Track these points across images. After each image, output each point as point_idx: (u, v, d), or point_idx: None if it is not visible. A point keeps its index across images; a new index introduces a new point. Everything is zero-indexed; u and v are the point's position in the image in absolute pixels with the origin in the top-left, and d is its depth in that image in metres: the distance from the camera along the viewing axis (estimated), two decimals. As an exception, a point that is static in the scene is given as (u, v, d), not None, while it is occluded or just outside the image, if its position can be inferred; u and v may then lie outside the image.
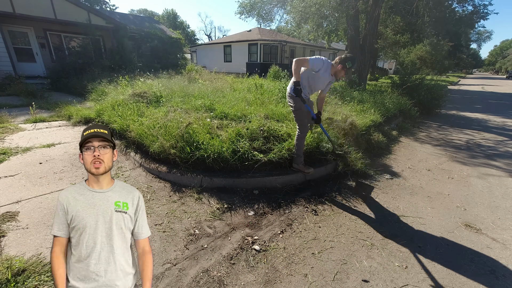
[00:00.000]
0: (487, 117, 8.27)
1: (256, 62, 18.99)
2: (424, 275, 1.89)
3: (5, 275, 1.64)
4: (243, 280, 1.82)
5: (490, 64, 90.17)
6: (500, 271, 1.95)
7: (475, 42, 43.35)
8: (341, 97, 6.62)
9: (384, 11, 11.23)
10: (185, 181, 3.11)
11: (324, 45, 19.00)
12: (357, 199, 2.94)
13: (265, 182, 3.10)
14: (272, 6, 11.87)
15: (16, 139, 4.36)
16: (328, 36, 14.29)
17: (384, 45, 15.57)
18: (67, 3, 10.94)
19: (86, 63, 10.82)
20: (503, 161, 4.28)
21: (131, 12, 42.61)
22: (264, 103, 5.36)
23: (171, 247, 2.09)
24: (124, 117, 4.48)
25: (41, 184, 2.96)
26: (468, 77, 44.25)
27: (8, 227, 2.20)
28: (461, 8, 10.16)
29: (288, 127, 3.83)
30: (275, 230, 2.36)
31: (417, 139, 5.53)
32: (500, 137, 5.84)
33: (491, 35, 50.76)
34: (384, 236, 2.31)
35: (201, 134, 3.45)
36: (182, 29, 43.20)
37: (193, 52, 26.58)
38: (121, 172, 3.42)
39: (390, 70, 33.95)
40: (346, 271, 1.92)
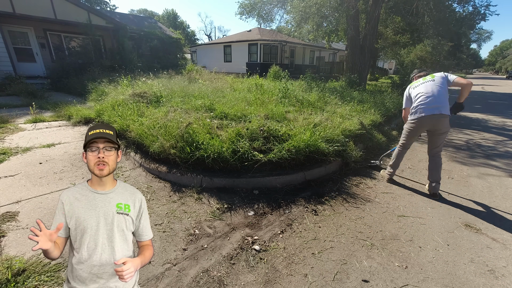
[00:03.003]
0: (487, 117, 8.27)
1: (256, 62, 18.99)
2: (424, 275, 1.89)
3: (5, 275, 1.64)
4: (243, 280, 1.82)
5: (490, 64, 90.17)
6: (500, 271, 1.95)
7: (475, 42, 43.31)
8: (341, 97, 6.62)
9: (384, 11, 11.23)
10: (185, 181, 3.11)
11: (324, 45, 18.99)
12: (357, 199, 2.94)
13: (265, 182, 3.10)
14: (272, 6, 11.87)
15: (16, 139, 4.36)
16: (328, 36, 14.29)
17: (384, 45, 15.56)
18: (67, 3, 10.95)
19: (86, 63, 10.83)
20: (503, 161, 4.28)
21: (131, 12, 42.61)
22: (264, 103, 5.37)
23: (171, 247, 2.09)
24: (124, 117, 4.48)
25: (41, 184, 2.96)
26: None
27: (8, 227, 2.20)
28: (461, 9, 10.15)
29: (287, 127, 3.83)
30: (275, 230, 2.36)
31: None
32: (499, 137, 5.84)
33: (491, 35, 50.69)
34: (384, 236, 2.31)
35: (201, 134, 3.45)
36: (182, 29, 43.20)
37: (193, 52, 26.58)
38: (121, 172, 3.42)
39: (390, 70, 33.97)
40: (346, 271, 1.92)
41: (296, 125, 4.01)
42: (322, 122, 4.17)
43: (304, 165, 3.37)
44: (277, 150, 3.21)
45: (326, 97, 6.33)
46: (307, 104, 5.66)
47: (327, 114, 4.90)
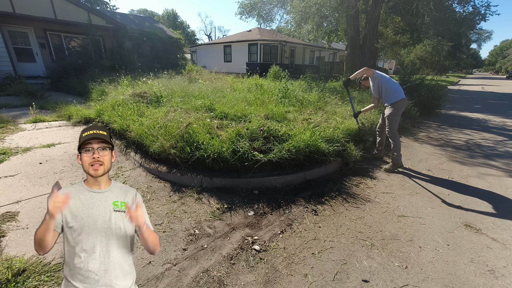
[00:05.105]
0: (487, 117, 8.27)
1: (256, 62, 18.99)
2: (424, 275, 1.89)
3: (5, 275, 1.64)
4: (243, 280, 1.82)
5: (490, 64, 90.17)
6: (500, 271, 1.95)
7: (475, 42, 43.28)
8: (341, 97, 6.62)
9: (384, 11, 11.24)
10: (185, 181, 3.11)
11: (324, 45, 18.99)
12: (357, 199, 2.94)
13: (265, 182, 3.10)
14: (272, 6, 11.88)
15: (16, 139, 4.36)
16: (328, 36, 14.29)
17: (384, 45, 15.55)
18: (67, 3, 10.95)
19: (86, 63, 10.83)
20: (503, 161, 4.28)
21: (131, 12, 42.61)
22: (264, 103, 5.37)
23: (171, 247, 2.09)
24: (124, 117, 4.48)
25: (41, 184, 2.96)
26: (468, 77, 44.26)
27: (8, 227, 2.20)
28: (461, 9, 10.15)
29: (287, 127, 3.83)
30: (275, 230, 2.36)
31: (417, 139, 5.53)
32: (499, 137, 5.84)
33: (491, 35, 50.68)
34: (384, 236, 2.31)
35: (201, 134, 3.45)
36: (182, 29, 43.25)
37: (193, 52, 26.59)
38: (121, 172, 3.42)
39: (390, 70, 33.96)
40: (346, 271, 1.92)
41: (296, 125, 4.01)
42: (322, 122, 4.17)
43: (304, 165, 3.37)
44: (277, 150, 3.21)
45: (326, 97, 6.33)
46: (307, 104, 5.66)
47: (327, 114, 4.90)
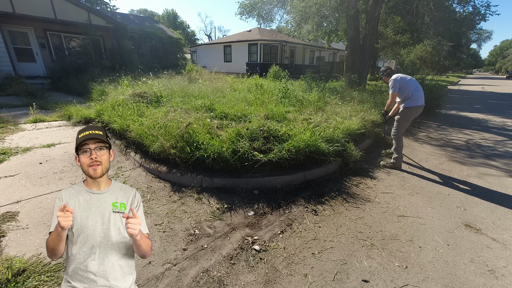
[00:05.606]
0: (487, 117, 8.26)
1: (256, 62, 18.99)
2: (424, 275, 1.89)
3: (5, 275, 1.64)
4: (243, 280, 1.82)
5: (490, 64, 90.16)
6: (500, 271, 1.95)
7: (475, 42, 43.30)
8: (341, 97, 6.62)
9: (384, 11, 11.22)
10: (185, 181, 3.11)
11: (324, 45, 18.99)
12: (357, 199, 2.94)
13: (265, 182, 3.10)
14: (272, 6, 11.86)
15: (16, 139, 4.36)
16: (328, 36, 14.27)
17: (384, 45, 15.57)
18: (67, 3, 10.94)
19: (86, 63, 10.84)
20: (503, 161, 4.28)
21: (131, 12, 42.63)
22: (264, 103, 5.37)
23: (171, 247, 2.09)
24: (124, 117, 4.48)
25: (41, 184, 2.97)
26: (468, 77, 44.25)
27: (8, 227, 2.20)
28: (461, 9, 10.14)
29: (287, 127, 3.82)
30: (275, 230, 2.36)
31: (417, 139, 5.53)
32: (499, 137, 5.84)
33: (491, 35, 50.64)
34: (384, 236, 2.31)
35: (201, 134, 3.45)
36: (182, 29, 43.24)
37: (193, 52, 26.58)
38: (121, 172, 3.42)
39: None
40: (346, 271, 1.92)
41: (296, 125, 4.01)
42: (322, 122, 4.17)
43: (304, 165, 3.37)
44: (277, 150, 3.21)
45: (326, 97, 6.33)
46: (307, 104, 5.66)
47: (327, 114, 4.90)
